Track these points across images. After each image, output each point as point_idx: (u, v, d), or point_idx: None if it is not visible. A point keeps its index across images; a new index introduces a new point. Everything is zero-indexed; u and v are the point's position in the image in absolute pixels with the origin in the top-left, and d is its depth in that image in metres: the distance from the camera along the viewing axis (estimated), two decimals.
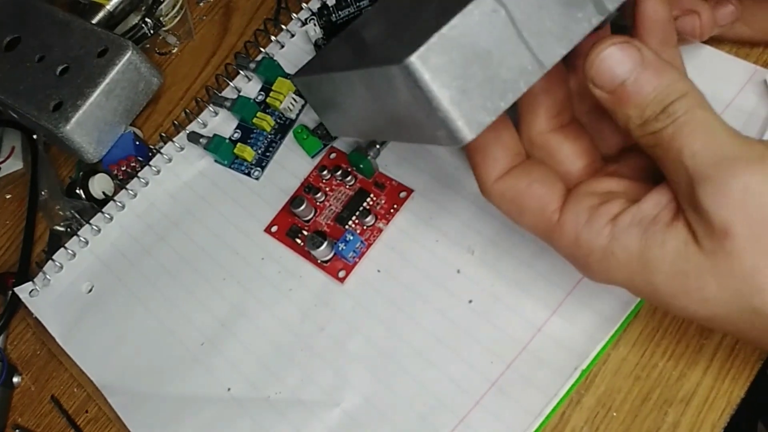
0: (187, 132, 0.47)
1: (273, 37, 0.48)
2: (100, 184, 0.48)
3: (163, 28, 0.54)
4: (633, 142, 0.31)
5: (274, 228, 0.42)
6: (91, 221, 0.46)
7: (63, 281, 0.45)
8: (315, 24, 0.46)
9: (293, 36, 0.48)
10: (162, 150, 0.47)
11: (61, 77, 0.48)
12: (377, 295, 0.38)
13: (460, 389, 0.34)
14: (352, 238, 0.39)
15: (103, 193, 0.48)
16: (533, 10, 0.24)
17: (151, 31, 0.53)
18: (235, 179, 0.45)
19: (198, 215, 0.45)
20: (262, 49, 0.48)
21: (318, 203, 0.41)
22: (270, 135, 0.45)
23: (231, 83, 0.47)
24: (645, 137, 0.26)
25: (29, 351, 0.46)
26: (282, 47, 0.48)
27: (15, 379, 0.45)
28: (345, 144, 0.43)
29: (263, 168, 0.44)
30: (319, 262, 0.39)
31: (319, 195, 0.41)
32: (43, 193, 0.49)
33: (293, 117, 0.45)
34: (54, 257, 0.46)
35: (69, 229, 0.47)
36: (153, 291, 0.43)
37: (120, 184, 0.47)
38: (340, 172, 0.41)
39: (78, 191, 0.47)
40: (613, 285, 0.28)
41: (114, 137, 0.49)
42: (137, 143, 0.48)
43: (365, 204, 0.40)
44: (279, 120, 0.45)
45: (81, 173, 0.48)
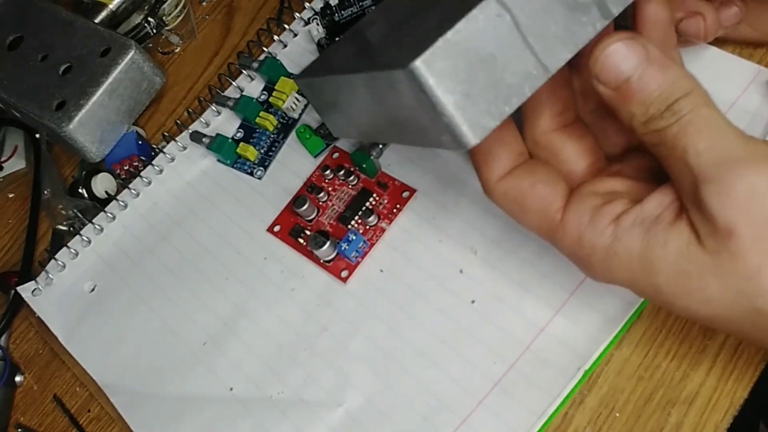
0: (190, 131, 0.47)
1: (276, 37, 0.48)
2: (102, 183, 0.48)
3: (166, 27, 0.54)
4: (637, 142, 0.31)
5: (276, 228, 0.42)
6: (94, 220, 0.46)
7: (66, 280, 0.45)
8: (318, 23, 0.46)
9: (296, 35, 0.48)
10: (165, 149, 0.47)
11: (64, 76, 0.48)
12: (380, 295, 0.38)
13: (462, 389, 0.34)
14: (354, 237, 0.38)
15: (106, 193, 0.48)
16: (538, 14, 0.24)
17: (154, 31, 0.53)
18: (238, 179, 0.45)
19: (201, 215, 0.45)
20: (264, 49, 0.48)
21: (321, 203, 0.41)
22: (273, 134, 0.45)
23: (234, 83, 0.47)
24: (649, 135, 0.26)
25: (32, 350, 0.46)
26: (285, 47, 0.48)
27: (17, 378, 0.45)
28: (348, 144, 0.43)
29: (266, 167, 0.44)
30: (322, 261, 0.39)
31: (322, 195, 0.41)
32: (46, 193, 0.49)
33: (296, 116, 0.45)
34: (57, 256, 0.46)
35: (72, 229, 0.47)
36: (155, 290, 0.43)
37: (123, 183, 0.47)
38: (342, 171, 0.41)
39: (81, 190, 0.48)
40: (616, 285, 0.28)
41: (117, 136, 0.49)
42: (140, 142, 0.48)
43: (368, 204, 0.40)
44: (282, 119, 0.45)
45: (84, 172, 0.49)
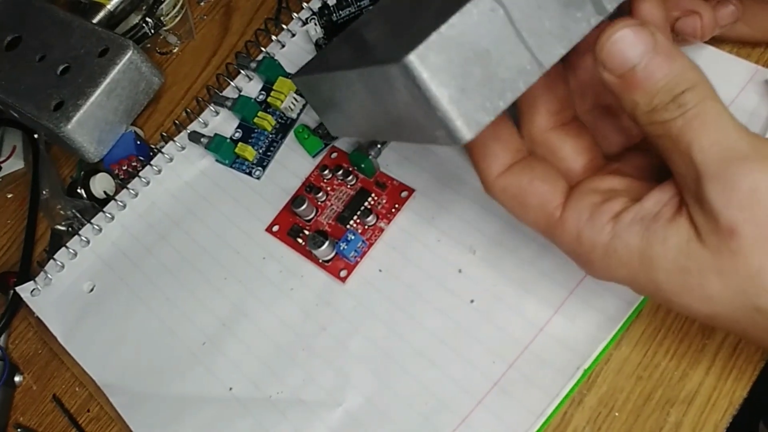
0: (188, 131, 0.47)
1: (274, 37, 0.48)
2: (101, 183, 0.48)
3: (164, 27, 0.54)
4: (635, 141, 0.31)
5: (275, 227, 0.42)
6: (93, 220, 0.46)
7: (64, 280, 0.45)
8: (316, 23, 0.46)
9: (294, 35, 0.48)
10: (163, 149, 0.47)
11: (62, 77, 0.48)
12: (379, 295, 0.38)
13: (461, 389, 0.34)
14: (353, 237, 0.38)
15: (105, 193, 0.48)
16: (532, 9, 0.24)
17: (152, 31, 0.53)
18: (237, 179, 0.45)
19: (199, 215, 0.45)
20: (262, 49, 0.48)
21: (319, 203, 0.41)
22: (271, 134, 0.45)
23: (232, 83, 0.47)
24: (652, 126, 0.25)
25: (31, 350, 0.46)
26: (283, 47, 0.48)
27: (17, 379, 0.45)
28: (346, 143, 0.43)
29: (264, 167, 0.44)
30: (321, 261, 0.39)
31: (321, 194, 0.41)
32: (45, 193, 0.49)
33: (294, 116, 0.45)
34: (55, 256, 0.46)
35: (70, 229, 0.47)
36: (154, 290, 0.43)
37: (121, 183, 0.47)
38: (341, 171, 0.41)
39: (79, 191, 0.48)
40: (616, 282, 0.28)
41: (115, 137, 0.49)
42: (138, 143, 0.48)
43: (366, 203, 0.40)
44: (280, 119, 0.45)
45: (82, 173, 0.49)
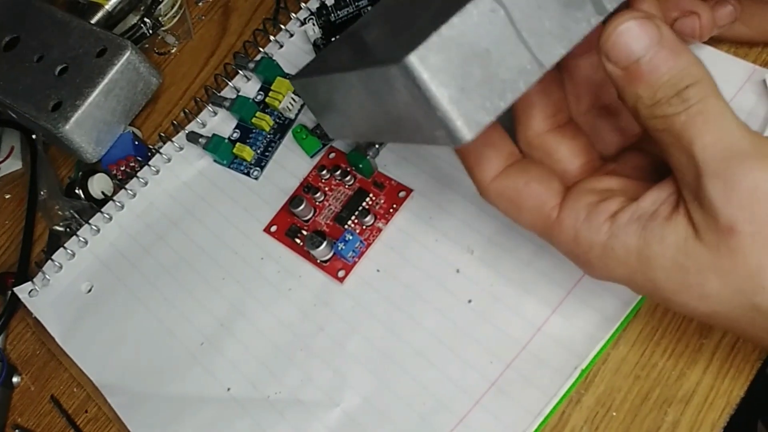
0: (186, 132, 0.47)
1: (272, 37, 0.48)
2: (99, 184, 0.48)
3: (162, 28, 0.54)
4: (631, 141, 0.31)
5: (273, 228, 0.42)
6: (91, 221, 0.46)
7: (62, 281, 0.45)
8: (314, 24, 0.46)
9: (292, 36, 0.48)
10: (161, 150, 0.47)
11: (60, 77, 0.48)
12: (377, 295, 0.38)
13: (459, 389, 0.34)
14: (351, 237, 0.38)
15: (103, 193, 0.48)
16: (532, 9, 0.24)
17: (150, 31, 0.53)
18: (235, 179, 0.45)
19: (197, 215, 0.44)
20: (261, 49, 0.48)
21: (317, 203, 0.41)
22: (269, 135, 0.45)
23: (230, 83, 0.47)
24: (654, 120, 0.25)
25: (29, 351, 0.46)
26: (281, 47, 0.48)
27: (15, 379, 0.45)
28: (344, 144, 0.43)
29: (262, 168, 0.44)
30: (319, 261, 0.39)
31: (319, 195, 0.41)
32: (43, 193, 0.49)
33: (292, 117, 0.45)
34: (53, 257, 0.46)
35: (68, 229, 0.47)
36: (152, 291, 0.43)
37: (119, 184, 0.47)
38: (339, 171, 0.41)
39: (77, 191, 0.47)
40: (614, 282, 0.28)
41: (113, 137, 0.49)
42: (136, 143, 0.48)
43: (364, 204, 0.40)
44: (278, 120, 0.45)
45: (80, 173, 0.48)
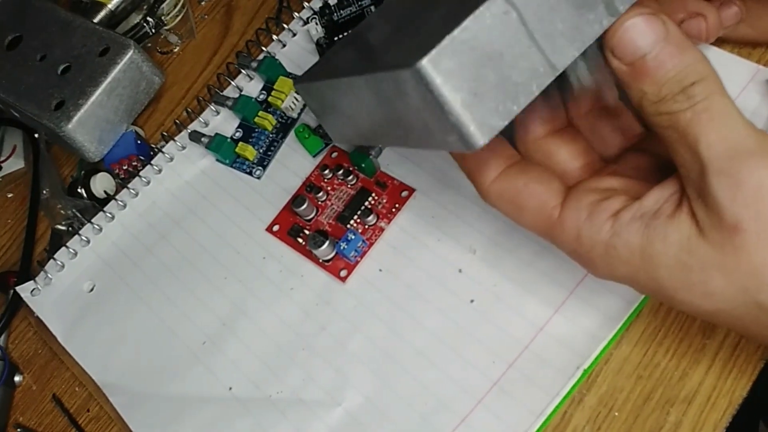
0: (189, 131, 0.47)
1: (275, 36, 0.48)
2: (101, 183, 0.48)
3: (165, 27, 0.54)
4: (633, 142, 0.31)
5: (275, 227, 0.42)
6: (93, 220, 0.46)
7: (64, 280, 0.45)
8: (317, 23, 0.46)
9: (295, 35, 0.48)
10: (163, 149, 0.47)
11: (63, 76, 0.48)
12: (379, 295, 0.38)
13: (461, 389, 0.34)
14: (353, 237, 0.38)
15: (105, 192, 0.48)
16: (544, 12, 0.24)
17: (153, 30, 0.53)
18: (237, 178, 0.45)
19: (200, 214, 0.44)
20: (263, 48, 0.48)
21: (319, 202, 0.41)
22: (271, 134, 0.45)
23: (232, 82, 0.47)
24: (659, 117, 0.25)
25: (31, 350, 0.46)
26: (284, 46, 0.48)
27: (16, 378, 0.45)
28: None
29: (265, 167, 0.44)
30: (321, 261, 0.39)
31: (321, 194, 0.41)
32: (45, 192, 0.49)
33: (295, 116, 0.45)
34: (55, 256, 0.46)
35: (70, 228, 0.47)
36: (154, 290, 0.43)
37: (121, 183, 0.47)
38: (341, 171, 0.41)
39: (79, 190, 0.47)
40: (617, 281, 0.27)
41: (115, 136, 0.49)
42: (139, 142, 0.48)
43: (367, 203, 0.40)
44: (280, 119, 0.45)
45: (82, 172, 0.49)
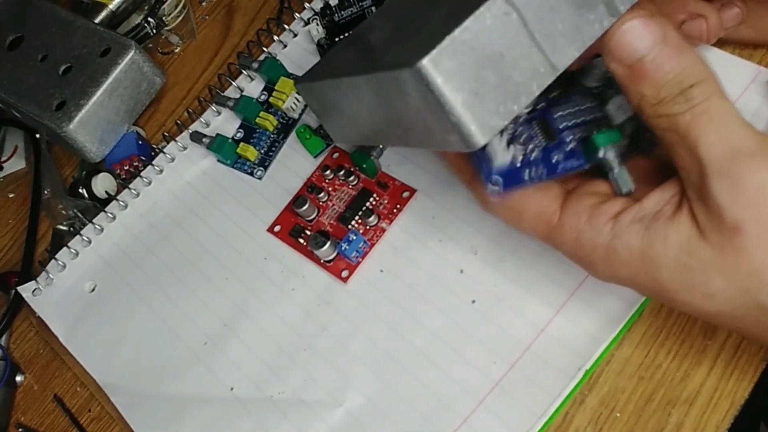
0: (190, 131, 0.47)
1: (276, 37, 0.48)
2: (103, 183, 0.48)
3: (166, 27, 0.54)
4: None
5: (276, 228, 0.42)
6: (94, 220, 0.46)
7: (66, 280, 0.45)
8: (318, 24, 0.46)
9: (296, 36, 0.48)
10: (165, 149, 0.47)
11: (64, 77, 0.48)
12: (380, 295, 0.38)
13: (462, 389, 0.34)
14: (355, 237, 0.38)
15: (106, 193, 0.48)
16: (545, 12, 0.24)
17: (154, 31, 0.53)
18: (238, 179, 0.45)
19: (201, 215, 0.45)
20: (264, 49, 0.48)
21: (321, 203, 0.41)
22: (273, 134, 0.45)
23: (234, 83, 0.47)
24: (659, 119, 0.25)
25: (32, 350, 0.46)
26: (285, 47, 0.48)
27: (18, 378, 0.45)
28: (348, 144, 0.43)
29: (266, 168, 0.44)
30: (322, 261, 0.39)
31: (322, 195, 0.41)
32: (46, 193, 0.49)
33: (296, 116, 0.45)
34: (57, 256, 0.46)
35: (72, 229, 0.47)
36: (156, 290, 0.43)
37: (123, 183, 0.47)
38: (343, 171, 0.41)
39: (81, 190, 0.48)
40: (618, 283, 0.27)
41: (117, 136, 0.49)
42: (140, 142, 0.48)
43: (368, 204, 0.40)
44: (282, 119, 0.45)
45: (84, 172, 0.49)
